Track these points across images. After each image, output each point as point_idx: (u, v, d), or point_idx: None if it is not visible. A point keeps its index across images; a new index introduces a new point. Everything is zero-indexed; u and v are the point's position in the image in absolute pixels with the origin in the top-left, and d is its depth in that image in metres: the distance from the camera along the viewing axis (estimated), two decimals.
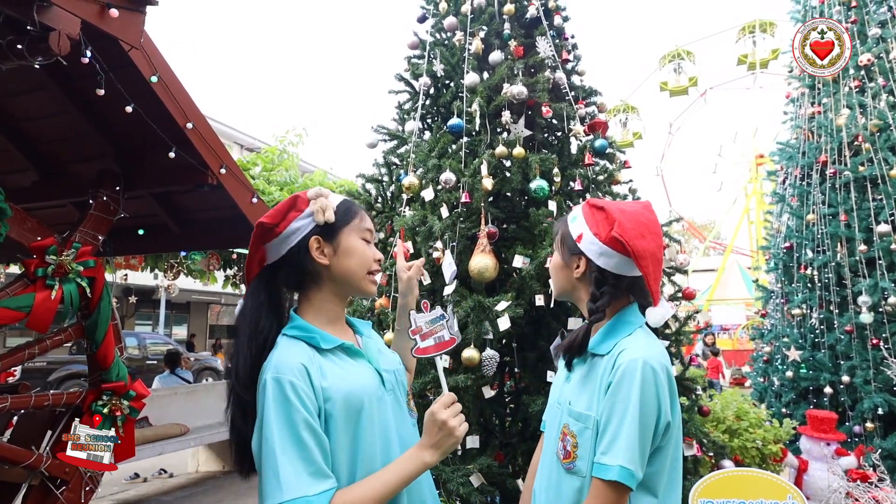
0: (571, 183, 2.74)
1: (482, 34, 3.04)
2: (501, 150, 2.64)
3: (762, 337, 6.27)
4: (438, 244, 2.54)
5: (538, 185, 2.57)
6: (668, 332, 2.73)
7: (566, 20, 3.21)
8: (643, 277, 1.26)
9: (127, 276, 8.48)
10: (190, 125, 2.96)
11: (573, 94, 2.97)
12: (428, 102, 3.17)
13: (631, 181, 3.07)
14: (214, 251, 6.65)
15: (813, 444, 3.86)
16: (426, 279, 2.57)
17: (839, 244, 4.98)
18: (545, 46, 2.92)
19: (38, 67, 2.38)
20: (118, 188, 3.22)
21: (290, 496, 0.99)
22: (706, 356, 9.75)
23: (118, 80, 2.63)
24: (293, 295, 1.27)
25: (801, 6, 5.97)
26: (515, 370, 2.75)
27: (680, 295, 2.79)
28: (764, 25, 18.15)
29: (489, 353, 2.36)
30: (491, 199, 2.72)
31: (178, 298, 15.75)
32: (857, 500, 2.88)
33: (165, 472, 6.44)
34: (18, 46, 2.22)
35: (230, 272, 7.31)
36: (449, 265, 2.26)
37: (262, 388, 1.07)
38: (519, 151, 2.64)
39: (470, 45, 2.97)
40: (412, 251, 2.69)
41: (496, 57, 2.90)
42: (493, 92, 2.85)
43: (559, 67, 2.98)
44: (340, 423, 1.10)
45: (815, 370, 5.01)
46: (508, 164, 2.80)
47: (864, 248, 4.76)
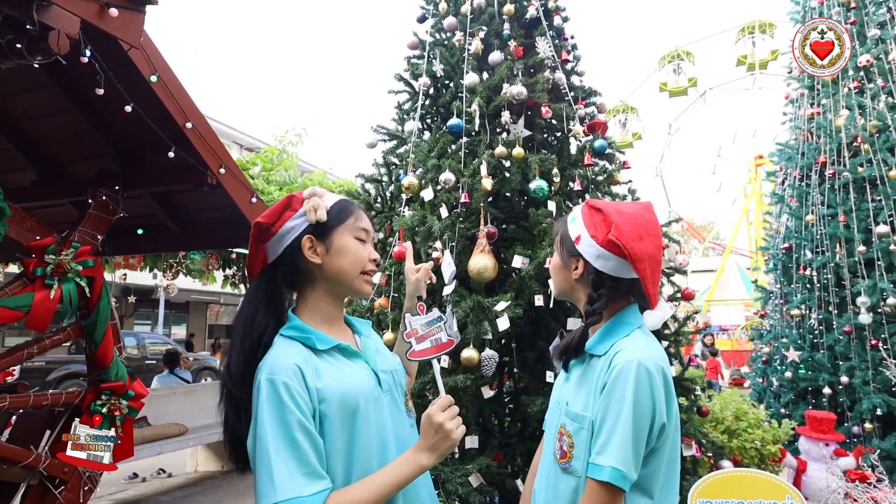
0: (571, 183, 2.74)
1: (482, 34, 3.04)
2: (501, 150, 2.64)
3: (761, 337, 6.28)
4: (438, 244, 2.54)
5: (537, 185, 2.57)
6: (667, 332, 2.74)
7: (566, 20, 3.21)
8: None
9: (126, 275, 8.46)
10: (189, 125, 2.96)
11: (573, 94, 2.97)
12: (427, 102, 3.17)
13: (630, 182, 3.07)
14: (213, 251, 6.65)
15: (812, 444, 3.87)
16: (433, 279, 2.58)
17: (838, 245, 4.99)
18: (545, 47, 2.92)
19: (37, 67, 2.38)
20: (117, 188, 3.22)
21: (284, 496, 0.99)
22: (705, 357, 9.74)
23: (118, 79, 2.62)
24: (293, 295, 1.27)
25: (800, 7, 5.98)
26: (514, 370, 2.76)
27: (679, 295, 2.79)
28: (763, 26, 18.13)
29: (488, 353, 2.36)
30: (490, 199, 2.71)
31: (177, 298, 15.70)
32: (855, 500, 2.88)
33: (164, 471, 6.43)
34: (18, 46, 2.22)
35: (229, 272, 7.30)
36: (448, 265, 2.26)
37: (256, 388, 1.08)
38: (518, 152, 2.64)
39: (469, 45, 2.97)
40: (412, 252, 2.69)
41: (496, 57, 2.90)
42: (492, 92, 2.85)
43: (559, 68, 2.98)
44: (336, 423, 1.09)
45: (813, 371, 5.01)
46: (508, 164, 2.80)
47: (862, 248, 4.76)
